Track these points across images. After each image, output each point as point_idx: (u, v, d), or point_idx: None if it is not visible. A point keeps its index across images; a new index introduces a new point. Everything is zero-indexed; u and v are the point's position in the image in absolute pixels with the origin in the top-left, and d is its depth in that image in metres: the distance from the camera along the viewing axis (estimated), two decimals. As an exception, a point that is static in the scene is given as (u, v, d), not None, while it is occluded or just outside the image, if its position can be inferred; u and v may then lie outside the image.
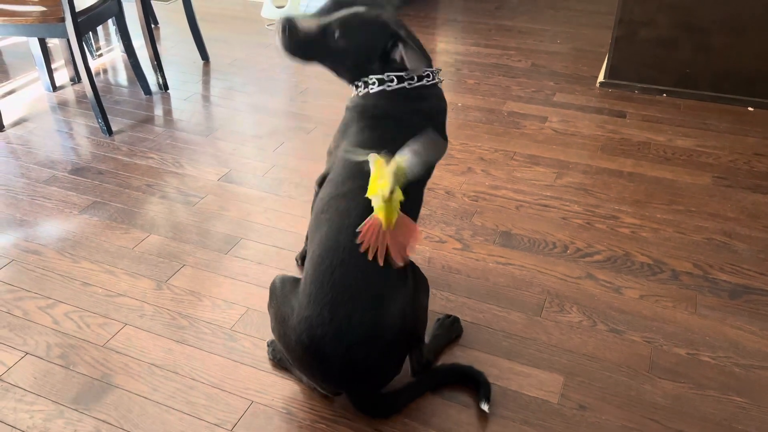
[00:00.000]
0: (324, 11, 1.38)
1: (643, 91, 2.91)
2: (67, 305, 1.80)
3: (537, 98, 2.89)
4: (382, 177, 1.24)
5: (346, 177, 1.40)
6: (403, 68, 1.37)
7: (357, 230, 1.28)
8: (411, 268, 1.41)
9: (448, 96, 1.56)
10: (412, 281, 1.39)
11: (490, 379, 1.55)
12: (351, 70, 1.46)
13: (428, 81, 1.44)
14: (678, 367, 1.58)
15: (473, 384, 1.51)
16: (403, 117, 1.43)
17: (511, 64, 3.24)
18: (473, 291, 1.82)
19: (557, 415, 1.47)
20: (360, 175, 1.31)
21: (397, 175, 1.23)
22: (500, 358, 1.61)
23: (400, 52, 1.35)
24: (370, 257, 1.26)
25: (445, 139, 1.52)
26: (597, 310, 1.75)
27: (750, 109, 2.76)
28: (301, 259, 1.89)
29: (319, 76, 3.20)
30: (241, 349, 1.65)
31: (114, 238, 2.07)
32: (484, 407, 1.45)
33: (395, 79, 1.41)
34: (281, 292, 1.42)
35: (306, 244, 1.74)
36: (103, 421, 1.47)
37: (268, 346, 1.63)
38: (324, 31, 1.34)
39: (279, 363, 1.59)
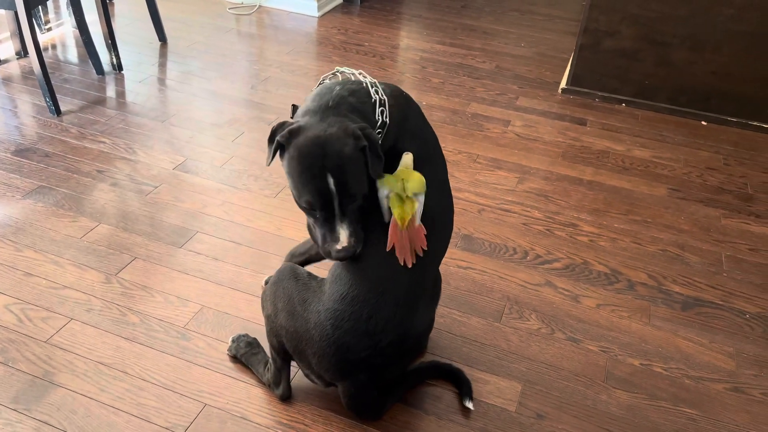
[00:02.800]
0: (326, 218, 1.25)
1: (604, 100, 2.96)
2: (7, 297, 1.69)
3: (501, 101, 2.90)
4: (409, 177, 1.28)
5: None
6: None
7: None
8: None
9: (413, 94, 1.52)
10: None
11: (449, 385, 1.55)
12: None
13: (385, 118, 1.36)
14: (632, 377, 1.60)
15: (453, 380, 1.53)
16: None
17: (476, 65, 3.24)
18: (434, 295, 1.80)
19: (515, 423, 1.47)
20: None
21: (417, 181, 1.29)
22: (460, 364, 1.60)
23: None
24: (401, 260, 1.28)
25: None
26: (555, 318, 1.76)
27: (703, 123, 2.84)
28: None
29: (281, 65, 3.12)
30: (195, 349, 1.59)
31: (60, 227, 1.96)
32: (469, 405, 1.47)
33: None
34: (300, 279, 1.39)
35: (289, 258, 1.70)
36: (45, 422, 1.39)
37: (232, 341, 1.58)
38: (350, 217, 1.26)
39: (241, 358, 1.55)
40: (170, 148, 2.40)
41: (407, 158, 1.31)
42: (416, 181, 1.28)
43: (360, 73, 1.37)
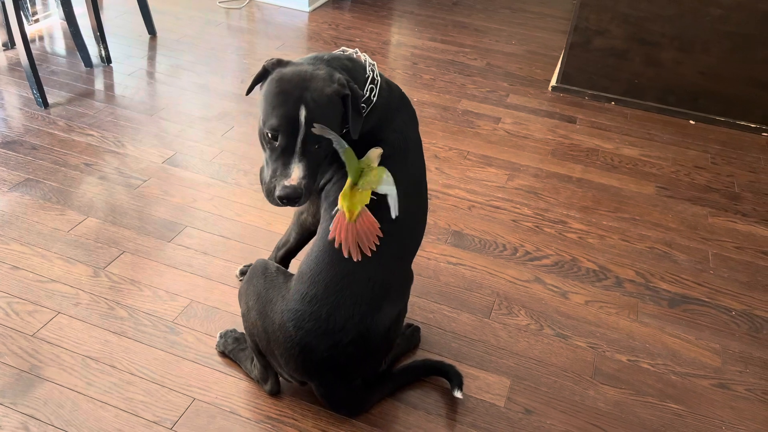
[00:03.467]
0: (285, 149, 1.20)
1: (593, 98, 2.97)
2: (-7, 290, 1.68)
3: (491, 98, 2.91)
4: (369, 171, 1.25)
5: None
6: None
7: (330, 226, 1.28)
8: (409, 284, 1.46)
9: (404, 90, 1.51)
10: (406, 296, 1.44)
11: (438, 381, 1.55)
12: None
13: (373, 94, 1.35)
14: (619, 373, 1.62)
15: (444, 376, 1.52)
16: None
17: (467, 62, 3.24)
18: (424, 290, 1.81)
19: (503, 418, 1.48)
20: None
21: (374, 176, 1.25)
22: (449, 358, 1.61)
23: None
24: (345, 253, 1.24)
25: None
26: (544, 314, 1.77)
27: (691, 122, 2.86)
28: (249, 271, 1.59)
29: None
30: (184, 344, 1.58)
31: (48, 220, 1.94)
32: (458, 395, 1.46)
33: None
34: (269, 276, 1.38)
35: (275, 252, 1.69)
36: (31, 416, 1.38)
37: (220, 337, 1.57)
38: (308, 158, 1.21)
39: (229, 354, 1.54)
40: (159, 141, 2.38)
41: (374, 153, 1.29)
42: (374, 177, 1.24)
43: (363, 54, 1.38)
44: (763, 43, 2.65)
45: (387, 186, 1.25)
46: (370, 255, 1.24)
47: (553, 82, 3.05)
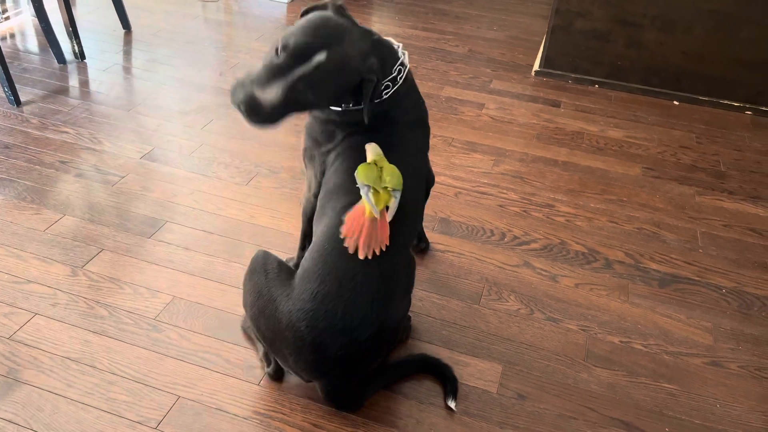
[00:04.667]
0: (281, 69, 1.17)
1: (577, 81, 2.95)
2: (-34, 293, 1.62)
3: (474, 85, 2.88)
4: (387, 169, 1.26)
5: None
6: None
7: (342, 218, 1.27)
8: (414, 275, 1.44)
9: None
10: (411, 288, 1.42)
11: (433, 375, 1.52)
12: (323, 108, 1.37)
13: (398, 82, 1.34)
14: (612, 355, 1.60)
15: (441, 377, 1.48)
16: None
17: (449, 49, 3.21)
18: (412, 279, 1.78)
19: (496, 404, 1.45)
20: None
21: (396, 175, 1.26)
22: (440, 347, 1.58)
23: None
24: (350, 249, 1.24)
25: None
26: (534, 299, 1.75)
27: (675, 102, 2.85)
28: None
29: (250, 52, 3.05)
30: (167, 341, 1.54)
31: (23, 219, 1.88)
32: (451, 404, 1.42)
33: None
34: (270, 272, 1.34)
35: (298, 256, 1.70)
36: (9, 421, 1.33)
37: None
38: (291, 93, 1.18)
39: (246, 330, 1.57)
40: (137, 137, 2.33)
41: (374, 149, 1.28)
42: (395, 176, 1.25)
43: (404, 53, 1.38)
44: (745, 22, 2.64)
45: (399, 191, 1.26)
46: (377, 255, 1.23)
47: (536, 66, 3.02)
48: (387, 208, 1.25)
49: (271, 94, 1.17)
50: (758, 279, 1.86)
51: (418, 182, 1.40)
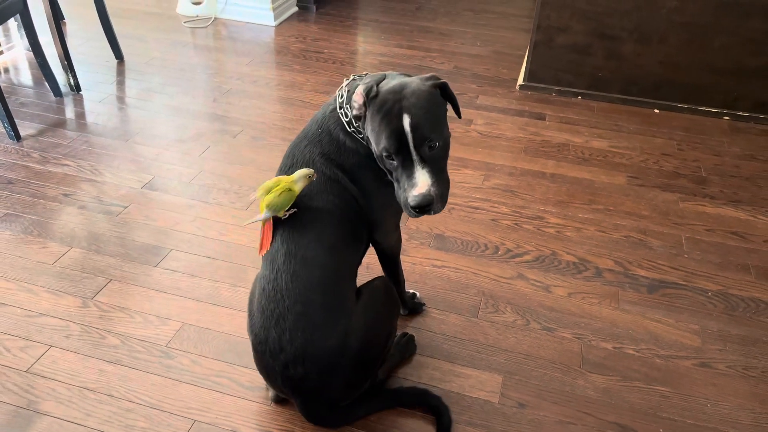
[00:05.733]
0: (406, 158, 1.25)
1: (560, 94, 3.05)
2: (-18, 329, 1.67)
3: (461, 100, 2.96)
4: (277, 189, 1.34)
5: None
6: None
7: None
8: (364, 296, 1.41)
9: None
10: (365, 309, 1.38)
11: (433, 383, 1.59)
12: None
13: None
14: (606, 361, 1.67)
15: (436, 417, 1.49)
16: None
17: (435, 66, 3.30)
18: (412, 295, 1.85)
19: (498, 414, 1.52)
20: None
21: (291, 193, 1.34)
22: (441, 360, 1.65)
23: None
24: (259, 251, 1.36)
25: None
26: (529, 309, 1.82)
27: (656, 111, 2.95)
28: None
29: (242, 77, 3.12)
30: (180, 367, 1.60)
31: (31, 254, 1.94)
32: None
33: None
34: (249, 304, 1.43)
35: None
36: (33, 452, 1.38)
37: None
38: (437, 169, 1.29)
39: None
40: (136, 166, 2.39)
41: (302, 171, 1.35)
42: (280, 200, 1.33)
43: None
44: (718, 32, 2.74)
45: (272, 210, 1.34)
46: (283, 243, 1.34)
47: (520, 80, 3.12)
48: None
49: (422, 180, 1.24)
50: (742, 281, 1.95)
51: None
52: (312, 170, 1.35)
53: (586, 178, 2.43)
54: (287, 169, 1.41)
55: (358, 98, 1.29)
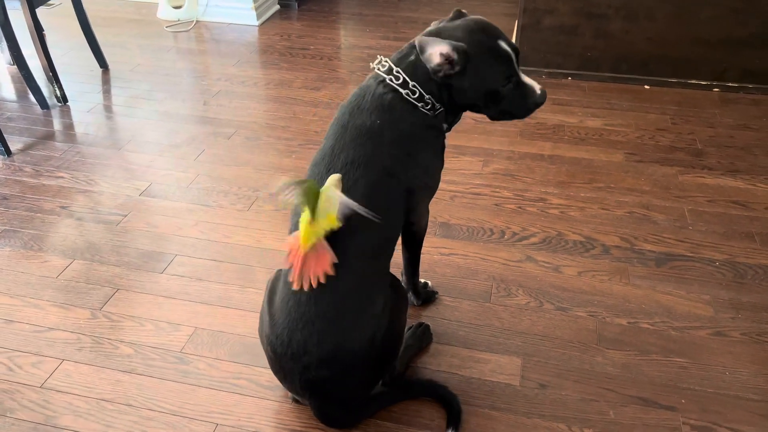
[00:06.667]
0: (518, 75, 1.41)
1: (550, 76, 3.05)
2: (-9, 347, 1.64)
3: (452, 88, 2.95)
4: (326, 200, 1.21)
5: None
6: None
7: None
8: (385, 295, 1.37)
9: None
10: (390, 313, 1.36)
11: (453, 370, 1.59)
12: None
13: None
14: (622, 336, 1.68)
15: (445, 407, 1.48)
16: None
17: (423, 56, 3.28)
18: (423, 285, 1.84)
19: (520, 396, 1.52)
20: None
21: (331, 205, 1.20)
22: (459, 347, 1.65)
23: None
24: (290, 277, 1.24)
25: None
26: (541, 291, 1.82)
27: (646, 87, 2.96)
28: None
29: (230, 78, 3.09)
30: (196, 372, 1.58)
31: (33, 268, 1.91)
32: None
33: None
34: (270, 299, 1.38)
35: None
36: (55, 468, 1.36)
37: None
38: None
39: None
40: (132, 174, 2.36)
41: (334, 178, 1.24)
42: (324, 201, 1.21)
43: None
44: (703, 4, 2.75)
45: (337, 203, 1.21)
46: (314, 287, 1.22)
47: (510, 65, 3.11)
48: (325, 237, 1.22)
49: (534, 82, 1.45)
50: (747, 249, 1.96)
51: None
52: (339, 175, 1.26)
53: (584, 158, 2.43)
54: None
55: (440, 58, 1.27)
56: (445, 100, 1.36)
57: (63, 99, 2.84)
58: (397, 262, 1.69)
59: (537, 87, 1.42)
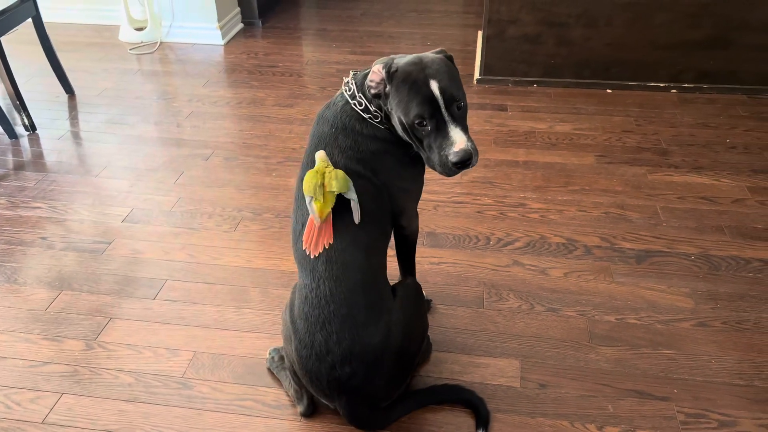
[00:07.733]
0: (439, 120, 1.30)
1: (517, 84, 3.14)
2: (-15, 386, 1.61)
3: (424, 100, 3.01)
4: (332, 174, 1.35)
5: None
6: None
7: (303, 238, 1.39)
8: (400, 293, 1.48)
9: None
10: (402, 306, 1.44)
11: (455, 376, 1.63)
12: None
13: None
14: (612, 332, 1.75)
15: (473, 410, 1.52)
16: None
17: (391, 69, 3.34)
18: (416, 295, 1.88)
19: (523, 397, 1.57)
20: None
21: (342, 179, 1.35)
22: (458, 354, 1.69)
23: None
24: (313, 253, 1.36)
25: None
26: (531, 293, 1.88)
27: (609, 91, 3.08)
28: None
29: (201, 99, 3.08)
30: (201, 396, 1.58)
31: (20, 302, 1.87)
32: None
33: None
34: (292, 307, 1.44)
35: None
36: (67, 504, 1.34)
37: (269, 354, 1.64)
38: (465, 125, 1.37)
39: (273, 371, 1.62)
40: (111, 201, 2.33)
41: (321, 154, 1.37)
42: (340, 179, 1.34)
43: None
44: (658, 9, 2.89)
45: (352, 192, 1.36)
46: (325, 248, 1.35)
47: (477, 75, 3.20)
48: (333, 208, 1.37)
49: (458, 137, 1.30)
50: (719, 241, 2.07)
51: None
52: (323, 151, 1.38)
53: (557, 162, 2.52)
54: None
55: (376, 76, 1.33)
56: (385, 119, 1.40)
57: (32, 127, 2.78)
58: (394, 269, 1.72)
59: (459, 144, 1.28)
